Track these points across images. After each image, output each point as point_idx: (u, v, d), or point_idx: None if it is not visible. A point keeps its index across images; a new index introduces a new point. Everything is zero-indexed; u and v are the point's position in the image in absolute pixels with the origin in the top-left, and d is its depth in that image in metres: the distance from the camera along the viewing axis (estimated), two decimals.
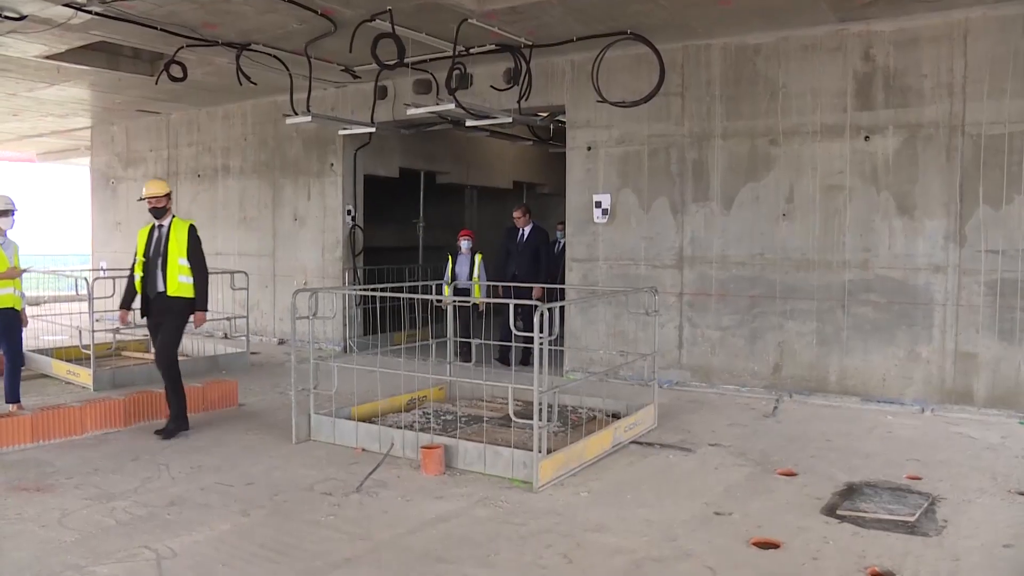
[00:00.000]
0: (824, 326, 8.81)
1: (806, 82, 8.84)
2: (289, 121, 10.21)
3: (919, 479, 6.01)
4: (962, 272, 8.15)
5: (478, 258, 11.26)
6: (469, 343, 9.66)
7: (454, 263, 11.39)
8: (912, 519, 5.18)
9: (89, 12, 8.16)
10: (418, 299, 8.61)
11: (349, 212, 12.71)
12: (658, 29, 8.82)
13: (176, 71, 9.79)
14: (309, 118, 10.02)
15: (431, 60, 9.91)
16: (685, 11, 8.40)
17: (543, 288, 9.91)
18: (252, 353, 11.45)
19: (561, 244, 12.06)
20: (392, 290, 8.45)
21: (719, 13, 8.41)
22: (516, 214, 11.10)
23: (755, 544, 4.81)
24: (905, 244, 8.39)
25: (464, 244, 11.37)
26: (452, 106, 9.21)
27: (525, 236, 11.02)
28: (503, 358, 10.31)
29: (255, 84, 10.53)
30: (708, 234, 9.45)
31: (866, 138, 8.56)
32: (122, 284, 7.97)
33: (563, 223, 11.31)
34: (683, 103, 9.57)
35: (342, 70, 10.95)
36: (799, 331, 8.92)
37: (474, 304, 10.45)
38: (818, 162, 8.81)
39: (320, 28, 8.79)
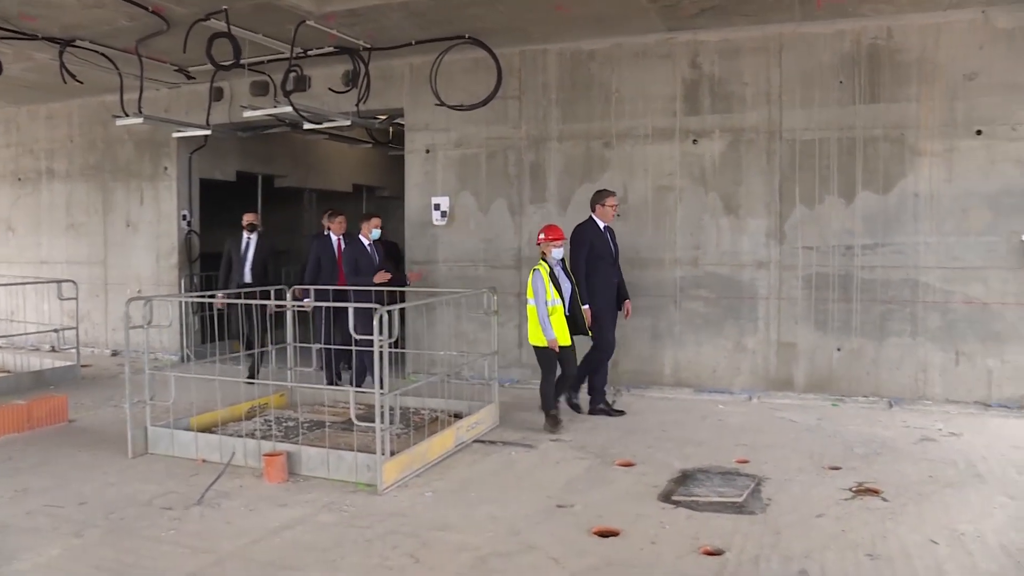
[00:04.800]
0: (658, 321, 9.18)
1: (638, 87, 9.19)
2: (119, 122, 9.72)
3: (747, 462, 6.37)
4: (782, 268, 8.70)
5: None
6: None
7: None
8: (740, 500, 5.48)
9: None
10: (256, 305, 8.35)
11: (185, 217, 12.17)
12: (496, 34, 8.93)
13: None
14: (141, 119, 9.57)
15: (268, 61, 9.64)
16: (522, 16, 8.55)
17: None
18: (83, 366, 10.77)
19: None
20: (230, 296, 8.16)
21: (555, 19, 8.60)
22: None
23: (596, 533, 4.95)
24: (731, 242, 8.86)
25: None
26: (289, 109, 9.01)
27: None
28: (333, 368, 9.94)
29: (81, 83, 9.96)
30: None
31: (694, 141, 8.99)
32: None
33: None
34: (520, 106, 9.73)
35: (175, 70, 10.48)
36: (634, 327, 9.24)
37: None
38: (650, 164, 9.17)
39: (151, 26, 8.38)
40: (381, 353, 5.88)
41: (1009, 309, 8.04)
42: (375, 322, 5.82)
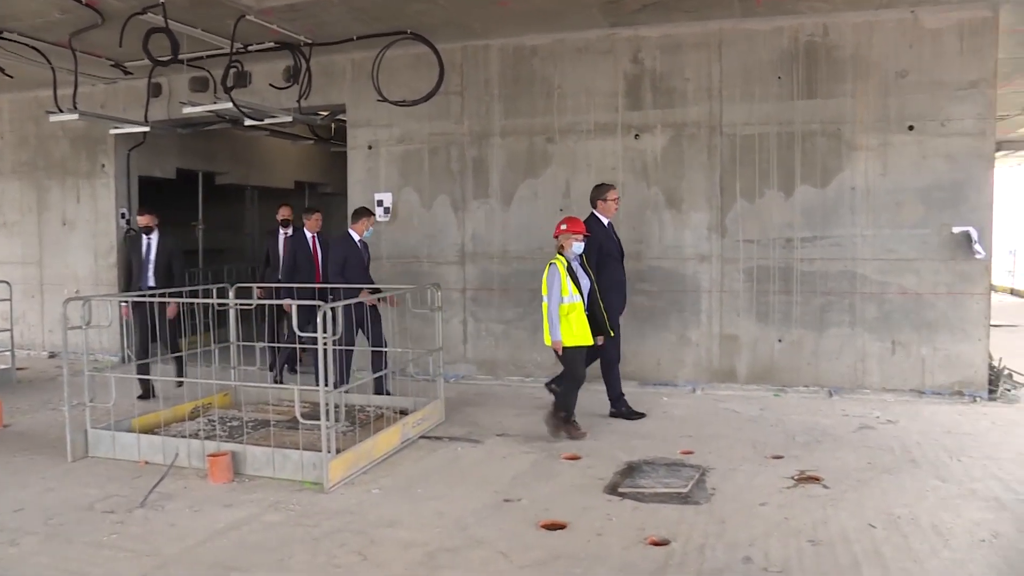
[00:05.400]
0: None
1: (580, 82, 9.23)
2: (53, 119, 9.45)
3: (691, 453, 6.45)
4: (724, 261, 8.82)
5: None
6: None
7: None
8: (685, 490, 5.54)
9: None
10: (198, 303, 8.19)
11: (123, 215, 11.86)
12: (438, 29, 8.88)
13: None
14: (76, 116, 9.32)
15: (208, 57, 9.43)
16: (464, 12, 8.52)
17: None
18: (18, 369, 10.45)
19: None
20: (171, 295, 7.98)
21: (497, 14, 8.58)
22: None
23: (544, 526, 4.97)
24: (674, 235, 8.96)
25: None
26: (229, 105, 8.85)
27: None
28: (279, 365, 9.84)
29: (11, 77, 9.69)
30: (489, 230, 9.65)
31: (636, 136, 9.06)
32: None
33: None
34: (463, 102, 9.70)
35: (112, 65, 10.19)
36: None
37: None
38: (592, 159, 9.22)
39: (86, 19, 8.15)
40: (326, 351, 5.82)
41: (941, 299, 8.27)
42: (319, 319, 5.76)
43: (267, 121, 9.94)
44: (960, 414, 7.69)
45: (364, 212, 8.60)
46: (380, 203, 10.00)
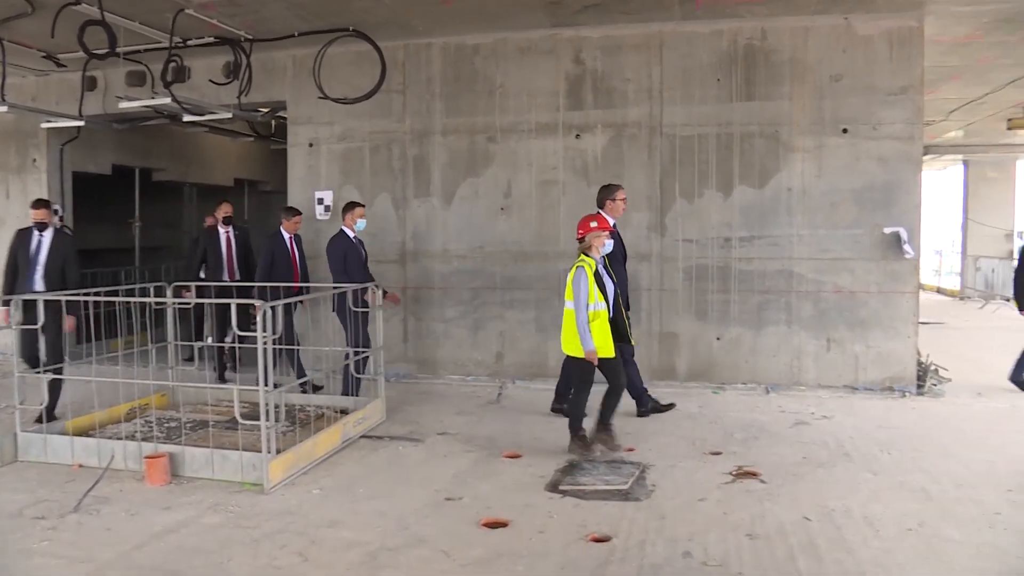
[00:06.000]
0: (543, 314, 9.26)
1: (522, 82, 9.25)
2: None
3: (632, 450, 6.49)
4: (663, 260, 8.92)
5: None
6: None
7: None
8: (626, 487, 5.58)
9: None
10: (135, 302, 7.98)
11: (56, 212, 11.49)
12: (380, 26, 8.82)
13: None
14: (4, 108, 9.03)
15: (146, 51, 9.16)
16: (407, 9, 8.47)
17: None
18: None
19: None
20: (106, 294, 7.71)
21: (440, 13, 8.55)
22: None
23: (485, 524, 4.96)
24: None
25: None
26: (168, 100, 8.65)
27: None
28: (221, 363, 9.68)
29: None
30: (430, 229, 9.60)
31: (577, 136, 9.11)
32: None
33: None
34: (405, 100, 9.64)
35: (44, 57, 9.84)
36: (519, 320, 9.31)
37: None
38: (534, 158, 9.24)
39: (15, 7, 7.88)
40: (265, 350, 5.72)
41: (873, 297, 8.49)
42: (259, 318, 5.67)
43: (206, 117, 9.76)
44: (891, 409, 7.91)
45: (351, 205, 8.23)
46: (320, 201, 9.89)
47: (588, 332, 6.27)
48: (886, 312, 8.50)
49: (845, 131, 8.48)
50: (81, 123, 10.17)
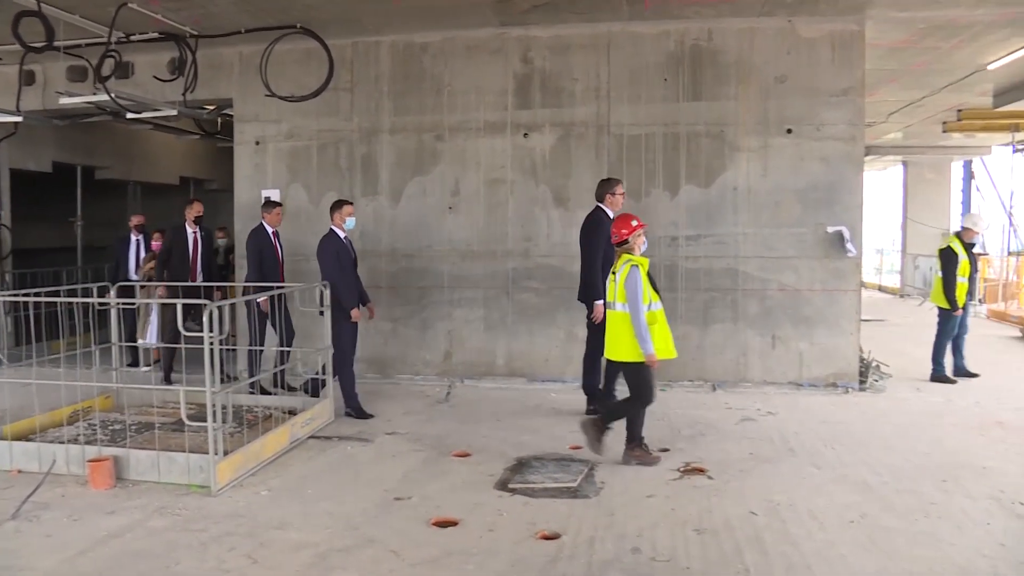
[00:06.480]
0: (491, 313, 9.26)
1: (470, 81, 9.22)
2: None
3: (580, 448, 6.49)
4: None
5: None
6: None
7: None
8: (575, 484, 5.60)
9: None
10: (77, 303, 7.77)
11: None
12: (328, 24, 8.72)
13: None
14: None
15: (87, 45, 8.94)
16: (355, 7, 8.41)
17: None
18: None
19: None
20: (47, 294, 7.50)
21: (389, 10, 8.50)
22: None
23: (435, 524, 4.95)
24: (562, 233, 9.04)
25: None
26: (109, 96, 8.43)
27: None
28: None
29: None
30: (377, 228, 9.53)
31: (525, 135, 9.11)
32: None
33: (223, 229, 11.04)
34: (352, 99, 9.55)
35: None
36: (467, 319, 9.29)
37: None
38: (482, 157, 9.23)
39: None
40: (212, 349, 5.63)
41: (817, 295, 8.64)
42: (205, 318, 5.57)
43: (150, 114, 9.55)
44: (834, 404, 8.06)
45: (339, 203, 7.89)
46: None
47: (648, 334, 5.97)
48: (829, 310, 8.66)
49: (789, 131, 8.62)
50: (19, 119, 9.86)
